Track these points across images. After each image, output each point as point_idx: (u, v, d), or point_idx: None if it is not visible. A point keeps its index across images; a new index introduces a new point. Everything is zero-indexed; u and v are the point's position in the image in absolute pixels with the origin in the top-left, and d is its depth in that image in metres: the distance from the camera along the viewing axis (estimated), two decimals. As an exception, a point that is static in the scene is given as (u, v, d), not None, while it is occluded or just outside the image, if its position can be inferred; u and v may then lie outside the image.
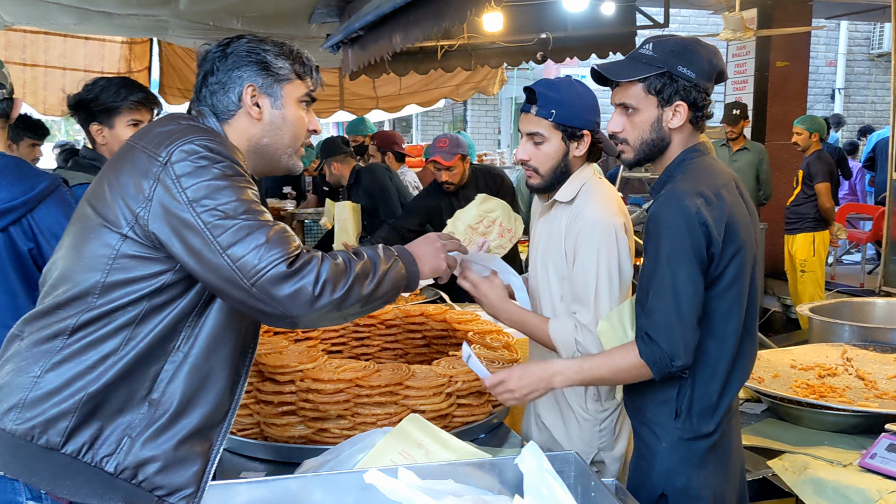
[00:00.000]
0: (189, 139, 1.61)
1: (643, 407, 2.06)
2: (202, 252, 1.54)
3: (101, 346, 1.60)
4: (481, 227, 3.09)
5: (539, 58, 7.25)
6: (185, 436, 1.66)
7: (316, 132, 1.90)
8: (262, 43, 1.78)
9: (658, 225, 1.90)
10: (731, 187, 1.99)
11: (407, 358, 2.95)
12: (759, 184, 6.80)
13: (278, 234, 1.55)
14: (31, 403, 1.59)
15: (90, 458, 1.59)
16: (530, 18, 6.91)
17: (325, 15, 6.19)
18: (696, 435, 1.98)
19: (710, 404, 1.97)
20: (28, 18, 5.75)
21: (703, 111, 2.01)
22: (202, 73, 1.78)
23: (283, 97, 1.79)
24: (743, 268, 1.93)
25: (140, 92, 2.70)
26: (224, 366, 1.71)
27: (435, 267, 1.87)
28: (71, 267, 1.65)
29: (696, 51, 1.99)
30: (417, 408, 2.24)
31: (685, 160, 2.01)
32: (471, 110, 16.93)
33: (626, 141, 2.05)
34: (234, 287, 1.55)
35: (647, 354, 1.89)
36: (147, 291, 1.62)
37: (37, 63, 7.23)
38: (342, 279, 1.59)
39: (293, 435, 2.24)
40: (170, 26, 6.31)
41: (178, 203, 1.55)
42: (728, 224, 1.89)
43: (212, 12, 5.80)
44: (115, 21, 5.87)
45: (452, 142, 4.44)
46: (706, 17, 12.05)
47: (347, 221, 4.89)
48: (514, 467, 1.77)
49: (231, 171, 1.60)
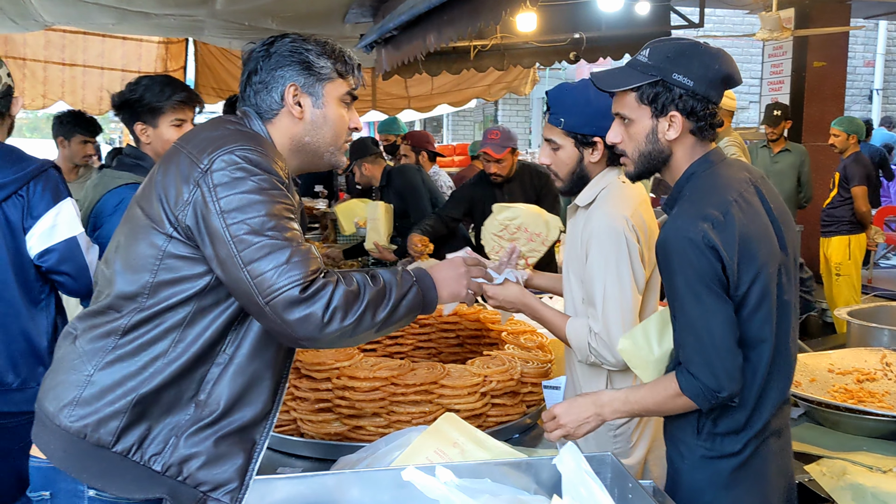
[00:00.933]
0: (231, 148, 1.63)
1: (668, 423, 2.01)
2: (226, 262, 1.58)
3: (152, 347, 1.64)
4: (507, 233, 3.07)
5: (572, 58, 7.21)
6: (227, 433, 1.69)
7: (357, 130, 1.93)
8: (305, 42, 1.79)
9: (667, 257, 1.81)
10: (749, 193, 1.86)
11: (440, 357, 2.96)
12: (799, 186, 6.71)
13: (299, 256, 1.57)
14: (84, 402, 1.63)
15: (139, 457, 1.63)
16: (564, 18, 6.87)
17: (359, 15, 6.22)
18: (719, 454, 1.88)
19: (738, 426, 1.87)
20: (68, 18, 5.83)
21: (706, 121, 1.86)
22: (246, 72, 1.81)
23: (324, 96, 1.81)
24: (767, 288, 1.81)
25: (183, 91, 2.73)
26: (268, 368, 1.73)
27: (455, 293, 1.85)
28: (122, 267, 1.69)
29: (695, 56, 1.83)
30: (452, 407, 2.25)
31: (694, 174, 1.88)
32: (502, 110, 16.90)
33: (625, 153, 1.95)
34: (250, 301, 1.58)
35: (688, 389, 1.79)
36: (194, 292, 1.65)
37: (76, 63, 7.35)
38: (353, 307, 1.59)
39: (329, 432, 2.26)
40: (206, 26, 6.37)
41: (210, 212, 1.59)
42: (742, 245, 1.77)
43: (247, 12, 5.86)
44: (153, 21, 5.95)
45: (504, 134, 4.49)
46: (741, 16, 11.93)
47: (379, 221, 4.91)
48: (550, 467, 1.77)
49: (267, 184, 1.61)
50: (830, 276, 6.60)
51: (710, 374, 1.75)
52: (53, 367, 1.75)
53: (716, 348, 1.75)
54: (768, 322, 1.82)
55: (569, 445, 1.57)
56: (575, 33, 6.96)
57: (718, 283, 1.75)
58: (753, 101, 12.70)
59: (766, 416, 1.88)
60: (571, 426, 1.94)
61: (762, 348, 1.83)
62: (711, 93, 1.84)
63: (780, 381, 1.89)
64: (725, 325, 1.76)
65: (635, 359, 1.98)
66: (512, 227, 3.10)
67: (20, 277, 2.52)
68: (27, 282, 2.53)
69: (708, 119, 1.86)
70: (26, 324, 2.53)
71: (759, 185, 1.91)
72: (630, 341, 2.00)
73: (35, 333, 2.55)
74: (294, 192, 1.78)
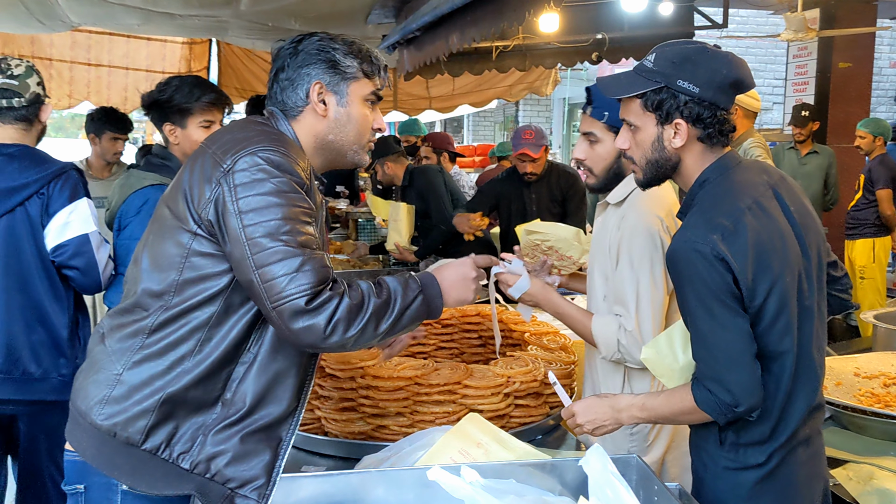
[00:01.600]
0: (253, 149, 1.65)
1: (692, 432, 1.97)
2: (241, 263, 1.61)
3: (179, 347, 1.67)
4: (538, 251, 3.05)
5: (594, 58, 7.20)
6: (253, 430, 1.71)
7: (381, 130, 1.95)
8: (332, 41, 1.81)
9: (677, 270, 1.76)
10: (765, 198, 1.80)
11: (462, 357, 2.96)
12: (826, 188, 6.65)
13: (310, 265, 1.59)
14: (114, 400, 1.66)
15: (167, 454, 1.66)
16: (586, 18, 6.85)
17: (382, 16, 6.24)
18: (743, 465, 1.84)
19: (762, 437, 1.83)
20: (94, 19, 5.89)
21: (714, 127, 1.80)
22: (274, 69, 1.83)
23: (348, 95, 1.83)
24: (786, 297, 1.75)
25: (212, 92, 2.75)
26: (291, 365, 1.75)
27: (462, 298, 1.86)
28: (149, 266, 1.72)
29: (701, 61, 1.77)
30: (475, 407, 2.25)
31: (707, 181, 1.83)
32: (523, 111, 16.87)
33: (633, 160, 1.91)
34: (259, 303, 1.62)
35: (703, 403, 1.76)
36: (218, 289, 1.67)
37: (101, 63, 7.43)
38: (356, 319, 1.62)
39: (353, 431, 2.27)
40: (230, 27, 6.42)
41: (229, 211, 1.62)
42: (755, 255, 1.71)
43: (271, 13, 5.89)
44: (177, 22, 5.99)
45: (538, 133, 4.52)
46: (765, 17, 11.84)
47: (401, 222, 4.93)
48: (574, 469, 1.77)
49: (286, 186, 1.63)
50: (855, 280, 6.54)
51: (725, 389, 1.72)
52: (85, 366, 1.78)
53: (729, 363, 1.71)
54: (788, 333, 1.77)
55: (595, 447, 1.57)
56: (597, 34, 6.94)
57: (730, 295, 1.70)
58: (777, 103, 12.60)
59: (794, 426, 1.83)
60: (588, 427, 1.95)
61: (784, 359, 1.78)
62: (719, 98, 1.78)
63: (807, 389, 1.84)
64: (739, 339, 1.71)
65: (660, 367, 1.95)
66: (543, 247, 3.08)
67: (42, 272, 2.69)
68: (49, 276, 2.70)
69: (717, 125, 1.80)
70: (48, 316, 2.70)
71: (779, 187, 1.85)
72: (653, 350, 1.96)
73: (57, 326, 2.71)
74: (317, 191, 1.79)
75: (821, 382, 1.89)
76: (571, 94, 16.16)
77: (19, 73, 2.74)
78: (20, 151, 2.73)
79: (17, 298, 2.66)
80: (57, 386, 2.69)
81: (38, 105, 2.78)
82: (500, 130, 18.97)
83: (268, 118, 1.83)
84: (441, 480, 1.57)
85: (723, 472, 1.86)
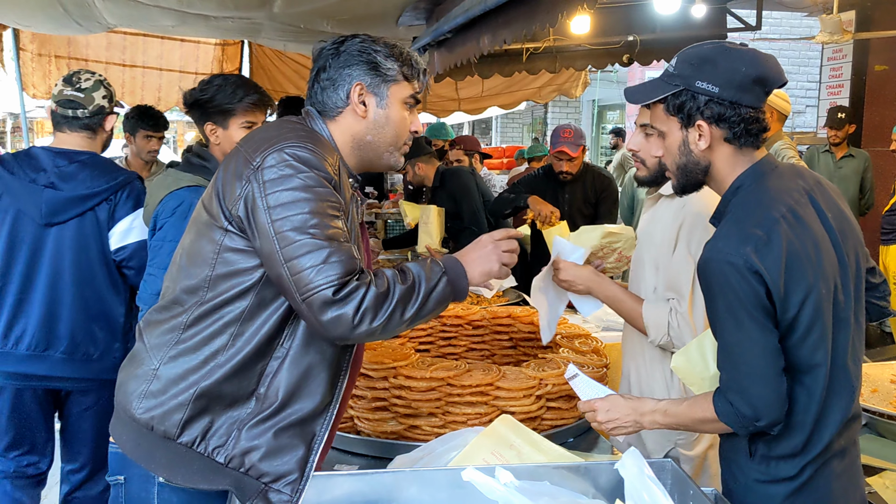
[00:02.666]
0: (281, 146, 1.68)
1: (722, 442, 1.94)
2: (270, 257, 1.64)
3: (212, 342, 1.70)
4: (600, 252, 3.07)
5: (625, 60, 7.16)
6: (286, 425, 1.73)
7: (417, 133, 1.96)
8: (374, 43, 1.83)
9: (707, 280, 1.72)
10: (801, 206, 1.74)
11: (493, 359, 2.97)
12: (862, 192, 6.55)
13: (337, 256, 1.61)
14: (151, 394, 1.70)
15: (203, 448, 1.69)
16: (617, 20, 6.81)
17: (413, 17, 6.26)
18: (773, 478, 1.80)
19: (794, 450, 1.78)
20: (130, 21, 5.97)
21: (740, 126, 1.75)
22: (315, 70, 1.86)
23: (388, 97, 1.85)
24: (820, 309, 1.70)
25: (255, 93, 2.73)
26: (322, 360, 1.77)
27: (486, 270, 1.83)
28: (186, 263, 1.76)
29: (720, 60, 1.74)
30: (507, 409, 2.26)
31: (741, 187, 1.78)
32: (551, 112, 16.82)
33: (666, 166, 1.89)
34: (289, 296, 1.65)
35: (723, 413, 1.73)
36: (249, 284, 1.70)
37: (135, 64, 7.52)
38: (383, 307, 1.63)
39: (385, 430, 2.28)
40: (262, 28, 6.47)
41: (258, 207, 1.64)
42: (789, 266, 1.66)
43: (304, 14, 5.93)
44: (211, 23, 6.05)
45: (577, 133, 4.55)
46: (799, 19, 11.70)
47: (432, 225, 4.94)
48: (608, 472, 1.77)
49: (313, 181, 1.65)
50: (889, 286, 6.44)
51: (746, 403, 1.68)
52: (126, 361, 1.82)
53: (753, 377, 1.68)
54: (822, 345, 1.73)
55: (631, 450, 1.56)
56: (629, 35, 6.89)
57: (762, 309, 1.67)
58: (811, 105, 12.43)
59: (828, 438, 1.79)
60: (607, 426, 1.93)
61: (817, 371, 1.74)
62: (742, 97, 1.73)
63: (841, 400, 1.79)
64: (766, 354, 1.68)
65: (690, 376, 1.93)
66: (609, 248, 3.09)
67: (105, 269, 3.04)
68: (110, 273, 3.05)
69: (743, 125, 1.75)
70: (107, 306, 3.06)
71: (815, 192, 1.80)
72: (684, 357, 1.94)
73: (115, 315, 3.08)
74: (348, 187, 1.81)
75: (857, 393, 1.84)
76: (601, 96, 16.07)
77: (87, 87, 3.05)
78: (90, 159, 3.05)
79: (84, 291, 3.01)
80: (109, 367, 3.02)
81: (101, 116, 3.08)
82: (527, 132, 18.94)
83: (303, 118, 1.86)
84: (476, 481, 1.58)
85: (753, 485, 1.82)
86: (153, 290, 2.61)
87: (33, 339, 2.96)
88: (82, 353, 3.00)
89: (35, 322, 2.96)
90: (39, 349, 2.96)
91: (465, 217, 5.11)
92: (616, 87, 14.75)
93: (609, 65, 7.50)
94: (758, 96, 1.75)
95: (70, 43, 7.08)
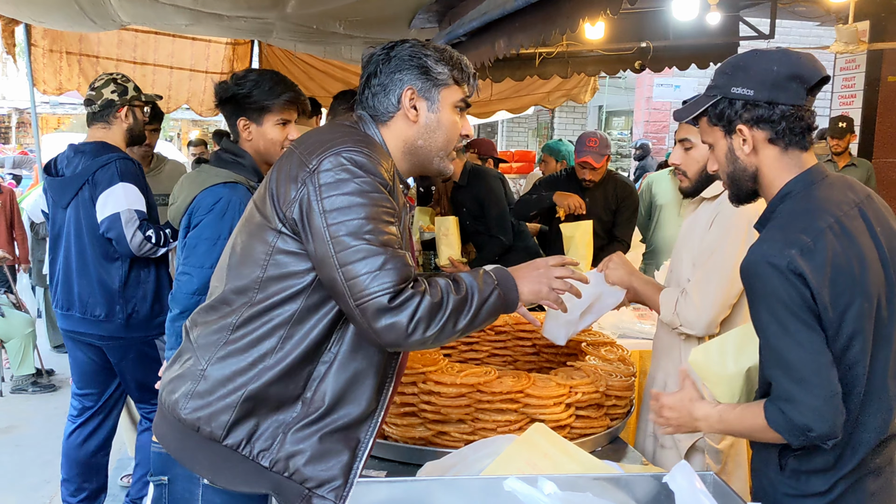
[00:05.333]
0: (338, 150, 1.66)
1: (754, 454, 1.92)
2: (324, 261, 1.62)
3: (261, 344, 1.68)
4: None
5: (637, 67, 7.14)
6: (332, 430, 1.71)
7: (468, 137, 1.96)
8: (424, 48, 1.83)
9: (750, 284, 1.71)
10: (849, 218, 1.72)
11: (516, 365, 2.94)
12: None
13: (393, 263, 1.60)
14: (198, 395, 1.69)
15: (248, 451, 1.67)
16: (631, 27, 6.80)
17: (425, 20, 6.24)
18: (803, 493, 1.78)
19: (826, 465, 1.76)
20: (144, 19, 5.94)
21: (782, 124, 1.75)
22: (366, 75, 1.85)
23: (439, 101, 1.84)
24: (861, 324, 1.68)
25: (292, 90, 2.68)
26: (370, 365, 1.76)
27: (536, 290, 1.84)
28: (237, 263, 1.76)
29: (752, 64, 1.77)
30: (537, 416, 2.23)
31: (789, 194, 1.77)
32: (558, 118, 16.80)
33: (721, 179, 1.90)
34: (343, 302, 1.63)
35: (774, 422, 1.69)
36: (300, 287, 1.69)
37: (146, 62, 7.49)
38: (436, 317, 1.62)
39: (413, 436, 2.25)
40: (275, 28, 6.46)
41: (314, 210, 1.63)
42: (832, 277, 1.65)
43: (316, 16, 5.92)
44: (224, 23, 6.03)
45: (602, 142, 4.54)
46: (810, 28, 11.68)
47: (452, 236, 4.90)
48: (646, 483, 1.77)
49: (369, 186, 1.64)
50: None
51: (797, 412, 1.64)
52: (172, 360, 1.80)
53: (803, 384, 1.64)
54: (860, 361, 1.70)
55: (681, 464, 1.53)
56: (641, 42, 6.88)
57: (808, 310, 1.64)
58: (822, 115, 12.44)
59: (861, 455, 1.77)
60: (672, 424, 1.94)
61: (854, 387, 1.71)
62: (778, 95, 1.74)
63: (878, 418, 1.76)
64: (815, 358, 1.64)
65: (706, 372, 1.92)
66: None
67: (97, 240, 3.47)
68: (102, 244, 3.47)
69: (786, 123, 1.75)
70: (102, 274, 3.50)
71: (865, 205, 1.78)
72: (703, 354, 1.94)
73: (109, 281, 3.49)
74: (401, 193, 1.79)
75: (893, 411, 1.81)
76: (608, 102, 16.06)
77: (98, 85, 3.53)
78: (89, 147, 3.49)
79: (85, 261, 3.50)
80: (117, 326, 3.53)
81: (111, 108, 3.50)
82: (533, 137, 18.94)
83: (356, 122, 1.85)
84: (518, 491, 1.55)
85: (783, 499, 1.81)
86: (188, 289, 2.56)
87: (60, 301, 3.59)
88: (91, 314, 3.52)
89: (60, 288, 3.58)
90: (65, 309, 3.57)
91: (490, 222, 5.02)
92: (623, 94, 14.76)
93: (621, 71, 7.50)
94: (796, 93, 1.75)
95: (81, 40, 7.05)
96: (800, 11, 7.95)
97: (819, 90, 1.79)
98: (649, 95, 11.98)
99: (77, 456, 3.72)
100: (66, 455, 3.75)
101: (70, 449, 3.74)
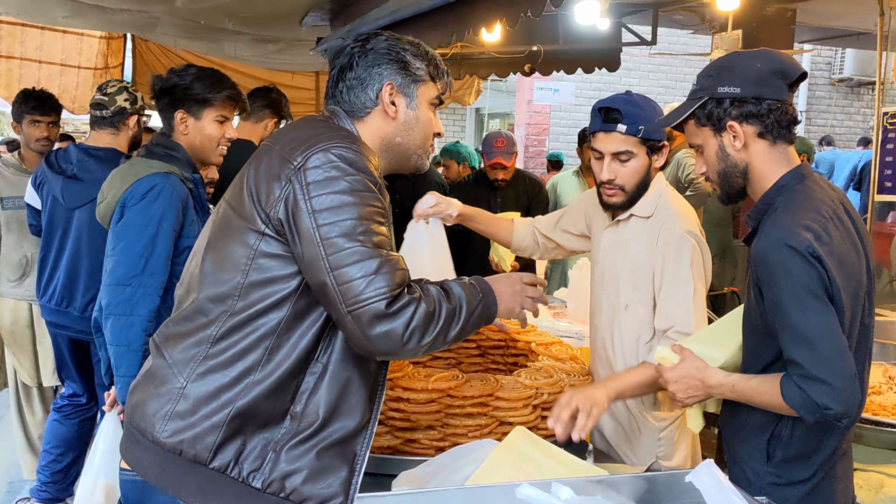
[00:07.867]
0: (325, 146, 1.57)
1: (735, 445, 1.96)
2: (313, 264, 1.52)
3: (246, 357, 1.56)
4: None
5: (527, 70, 7.26)
6: (328, 445, 1.61)
7: (440, 135, 1.89)
8: (400, 41, 1.76)
9: (770, 269, 1.72)
10: (841, 213, 1.80)
11: (460, 367, 2.89)
12: None
13: (388, 267, 1.53)
14: (178, 416, 1.54)
15: (237, 473, 1.54)
16: (524, 30, 6.89)
17: (318, 18, 6.14)
18: (788, 481, 1.84)
19: (811, 449, 1.83)
20: (19, 10, 5.52)
21: (770, 118, 1.80)
22: (338, 67, 1.75)
23: (417, 98, 1.79)
24: (856, 311, 1.76)
25: (232, 88, 2.62)
26: (361, 374, 1.67)
27: (510, 308, 1.81)
28: (212, 267, 1.61)
29: (735, 64, 1.84)
30: (506, 419, 2.20)
31: (786, 186, 1.82)
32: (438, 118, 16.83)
33: (711, 179, 1.94)
34: (332, 307, 1.54)
35: (791, 398, 1.70)
36: (285, 294, 1.57)
37: (12, 55, 6.92)
38: (430, 327, 1.57)
39: (380, 445, 2.17)
40: (159, 23, 6.16)
41: (301, 210, 1.53)
42: (839, 263, 1.70)
43: (206, 10, 5.67)
44: (107, 15, 5.69)
45: (509, 141, 4.59)
46: (689, 36, 12.23)
47: None
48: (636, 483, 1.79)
49: (360, 185, 1.56)
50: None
51: (818, 390, 1.66)
52: (140, 380, 1.63)
53: (825, 362, 1.66)
54: (853, 348, 1.76)
55: (707, 462, 1.53)
56: (533, 46, 7.00)
57: (825, 291, 1.68)
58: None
59: (838, 439, 1.85)
60: (680, 395, 1.94)
61: None
62: (764, 91, 1.80)
63: None
64: (837, 338, 1.67)
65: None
66: None
67: None
68: None
69: (773, 116, 1.80)
70: None
71: (844, 202, 1.86)
72: (668, 352, 1.99)
73: None
74: (385, 192, 1.71)
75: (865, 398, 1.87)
76: (487, 105, 16.26)
77: (111, 92, 3.60)
78: (106, 154, 3.57)
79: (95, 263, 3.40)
80: None
81: (122, 116, 3.60)
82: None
83: (329, 117, 1.74)
84: (532, 497, 1.51)
85: (768, 488, 1.85)
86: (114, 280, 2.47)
87: (59, 296, 3.64)
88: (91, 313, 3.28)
89: (61, 284, 3.64)
90: (63, 305, 3.63)
91: None
92: (504, 97, 14.98)
93: (511, 73, 7.59)
94: (780, 88, 1.81)
95: (-61, 30, 6.47)
96: (677, 20, 8.33)
97: (797, 86, 1.87)
98: (530, 98, 12.21)
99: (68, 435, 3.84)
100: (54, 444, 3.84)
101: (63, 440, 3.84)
